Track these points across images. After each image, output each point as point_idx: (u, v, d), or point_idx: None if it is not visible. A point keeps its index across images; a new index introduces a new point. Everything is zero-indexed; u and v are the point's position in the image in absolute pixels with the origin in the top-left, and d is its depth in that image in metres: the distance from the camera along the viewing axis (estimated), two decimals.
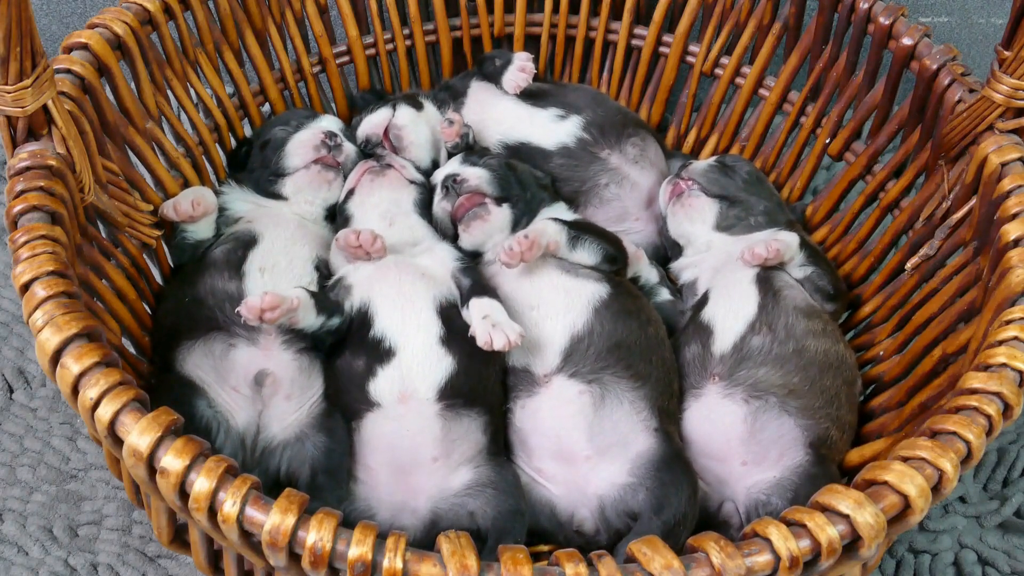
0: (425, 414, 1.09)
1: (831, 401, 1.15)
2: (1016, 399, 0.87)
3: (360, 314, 1.15)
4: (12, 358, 1.41)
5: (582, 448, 1.11)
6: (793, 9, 1.46)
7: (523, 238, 1.15)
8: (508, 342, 1.08)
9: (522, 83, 1.44)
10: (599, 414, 1.12)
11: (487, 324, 1.10)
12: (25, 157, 0.97)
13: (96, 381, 0.81)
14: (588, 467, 1.11)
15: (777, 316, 1.19)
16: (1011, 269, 1.00)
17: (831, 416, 1.14)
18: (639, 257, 1.33)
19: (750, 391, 1.14)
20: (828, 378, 1.16)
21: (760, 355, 1.16)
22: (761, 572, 0.77)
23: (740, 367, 1.16)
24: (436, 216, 1.29)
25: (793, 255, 1.25)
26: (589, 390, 1.12)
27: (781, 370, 1.14)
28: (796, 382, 1.14)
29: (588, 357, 1.14)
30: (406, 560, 0.75)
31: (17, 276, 0.87)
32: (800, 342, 1.17)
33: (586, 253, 1.21)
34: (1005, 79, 1.11)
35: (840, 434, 1.15)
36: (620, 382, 1.13)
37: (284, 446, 1.12)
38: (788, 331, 1.17)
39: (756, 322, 1.18)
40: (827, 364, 1.17)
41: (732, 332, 1.19)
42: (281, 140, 1.34)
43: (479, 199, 1.25)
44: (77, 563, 1.18)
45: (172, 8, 1.28)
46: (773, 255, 1.22)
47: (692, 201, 1.34)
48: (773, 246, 1.22)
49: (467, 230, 1.25)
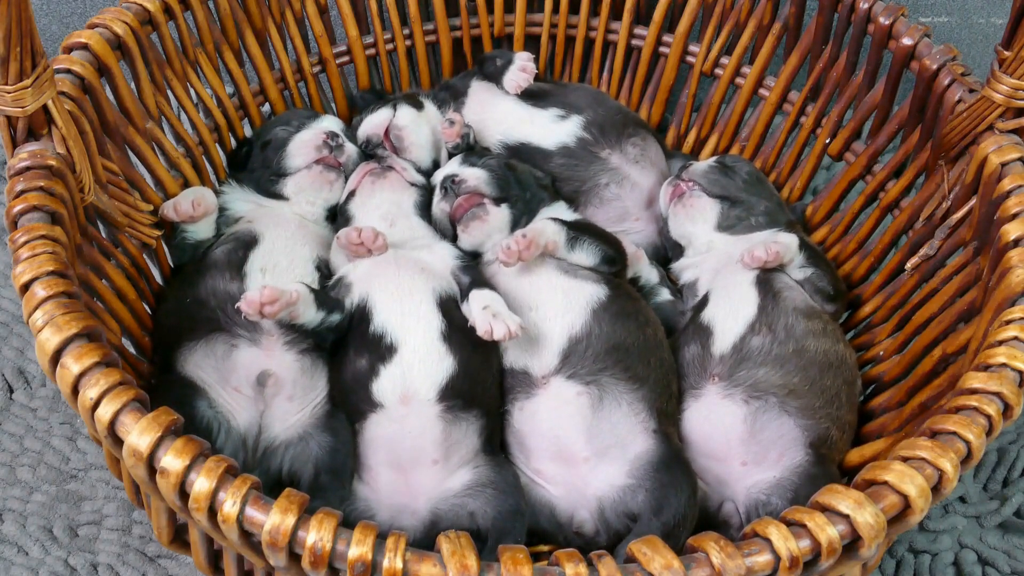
0: (426, 416, 1.09)
1: (831, 401, 1.15)
2: (1016, 399, 0.87)
3: (360, 309, 1.15)
4: (12, 358, 1.41)
5: (580, 449, 1.11)
6: (793, 9, 1.46)
7: (521, 237, 1.15)
8: (508, 331, 1.09)
9: (523, 83, 1.44)
10: (597, 415, 1.12)
11: (487, 314, 1.10)
12: (25, 157, 0.97)
13: (96, 381, 0.81)
14: (587, 468, 1.11)
15: (777, 317, 1.19)
16: (1011, 269, 1.00)
17: (831, 416, 1.14)
18: (639, 257, 1.33)
19: (750, 391, 1.14)
20: (828, 378, 1.16)
21: (760, 355, 1.16)
22: (761, 572, 0.77)
23: (740, 367, 1.16)
24: (435, 217, 1.29)
25: (793, 257, 1.25)
26: (587, 391, 1.12)
27: (781, 370, 1.14)
28: (796, 382, 1.14)
29: (586, 358, 1.13)
30: (406, 560, 0.75)
31: (17, 276, 0.87)
32: (800, 342, 1.17)
33: (585, 254, 1.21)
34: (1005, 79, 1.11)
35: (840, 434, 1.15)
36: (618, 384, 1.13)
37: (287, 445, 1.12)
38: (788, 331, 1.17)
39: (756, 323, 1.18)
40: (827, 364, 1.17)
41: (732, 333, 1.19)
42: (283, 140, 1.34)
43: (478, 199, 1.25)
44: (77, 563, 1.18)
45: (172, 8, 1.28)
46: (772, 258, 1.22)
47: (693, 202, 1.34)
48: (772, 248, 1.22)
49: (466, 230, 1.25)
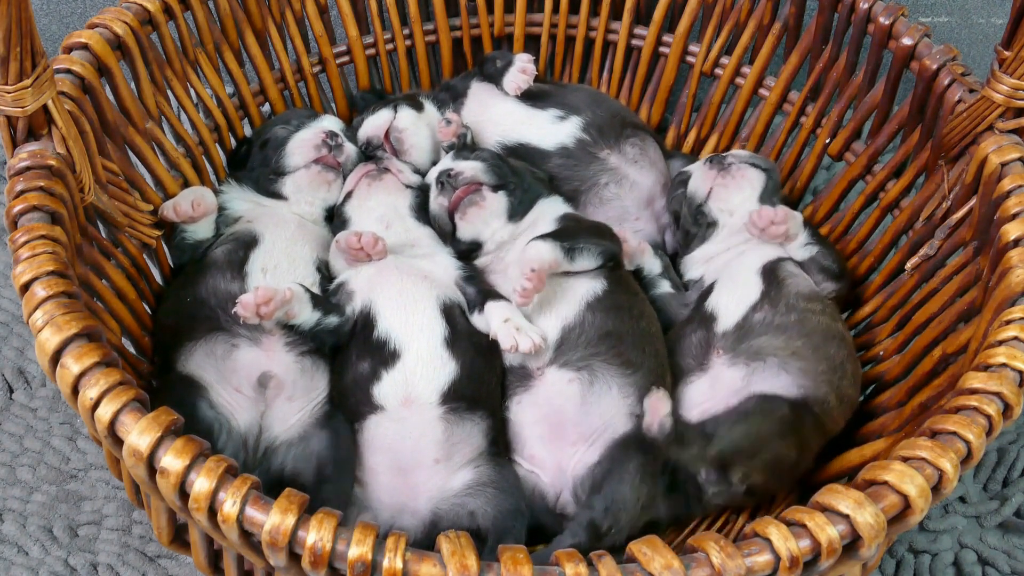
0: (427, 417, 1.09)
1: (835, 369, 1.17)
2: (1016, 399, 0.87)
3: (363, 316, 1.15)
4: (12, 358, 1.41)
5: (569, 432, 1.13)
6: (793, 9, 1.46)
7: (530, 272, 1.14)
8: (533, 345, 1.10)
9: (523, 85, 1.44)
10: (587, 399, 1.13)
11: (510, 327, 1.11)
12: (25, 157, 0.97)
13: (96, 381, 0.81)
14: (573, 451, 1.13)
15: (779, 298, 1.21)
16: (1011, 269, 1.00)
17: (833, 383, 1.16)
18: (643, 250, 1.34)
19: (753, 357, 1.16)
20: (833, 347, 1.18)
21: (762, 327, 1.19)
22: (761, 572, 0.77)
23: (743, 341, 1.18)
24: (433, 214, 1.29)
25: (798, 231, 1.28)
26: (578, 377, 1.14)
27: (783, 335, 1.17)
28: (799, 346, 1.16)
29: (579, 345, 1.15)
30: (406, 560, 0.75)
31: (17, 276, 0.87)
32: (802, 315, 1.20)
33: (586, 260, 1.21)
34: (1005, 79, 1.11)
35: (838, 403, 1.17)
36: (609, 368, 1.14)
37: (287, 446, 1.12)
38: (789, 307, 1.20)
39: (758, 303, 1.21)
40: (831, 335, 1.19)
41: (735, 315, 1.21)
42: (282, 139, 1.34)
43: (475, 187, 1.25)
44: (77, 563, 1.18)
45: (172, 8, 1.28)
46: (781, 218, 1.25)
47: (744, 172, 1.35)
48: (781, 211, 1.26)
49: (464, 218, 1.25)
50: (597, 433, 1.13)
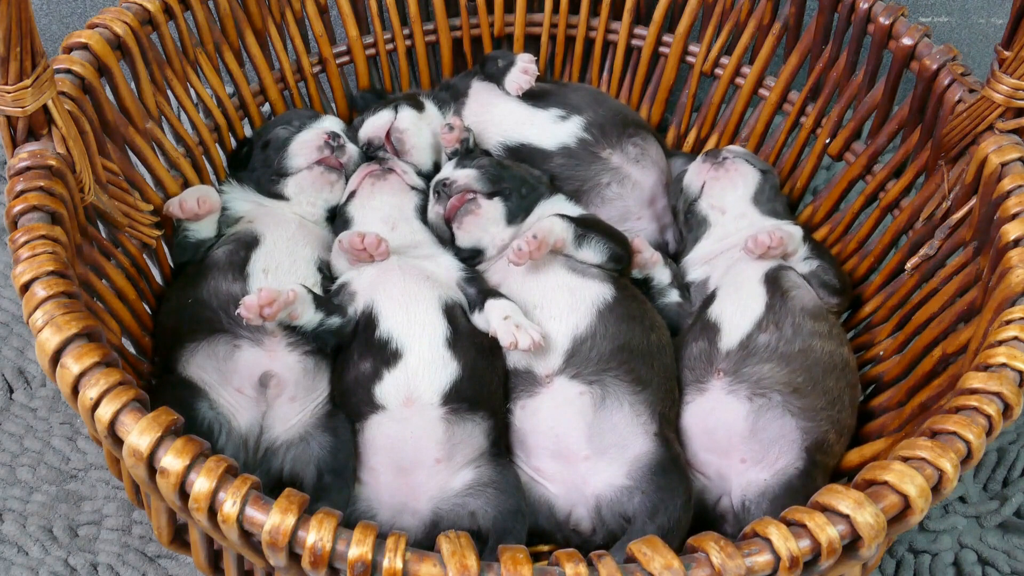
0: (429, 417, 1.09)
1: (833, 403, 1.15)
2: (1016, 399, 0.87)
3: (365, 316, 1.15)
4: (12, 358, 1.41)
5: (580, 448, 1.11)
6: (793, 9, 1.46)
7: (532, 237, 1.15)
8: (533, 342, 1.10)
9: (524, 85, 1.44)
10: (599, 415, 1.12)
11: (510, 324, 1.11)
12: (25, 157, 0.97)
13: (96, 381, 0.81)
14: (586, 467, 1.11)
15: (784, 315, 1.19)
16: (1011, 269, 1.00)
17: (832, 419, 1.14)
18: (656, 261, 1.31)
19: (754, 388, 1.14)
20: (832, 380, 1.16)
21: (766, 352, 1.16)
22: (761, 572, 0.77)
23: (745, 363, 1.16)
24: (431, 222, 1.29)
25: (796, 247, 1.26)
26: (590, 391, 1.13)
27: (786, 368, 1.15)
28: (800, 381, 1.14)
29: (591, 359, 1.14)
30: (406, 560, 0.75)
31: (17, 276, 0.87)
32: (807, 341, 1.17)
33: (592, 251, 1.21)
34: (1005, 79, 1.11)
35: (838, 437, 1.15)
36: (621, 385, 1.13)
37: (288, 446, 1.12)
38: (795, 330, 1.18)
39: (763, 320, 1.19)
40: (832, 366, 1.17)
41: (739, 329, 1.19)
42: (284, 140, 1.34)
43: (469, 196, 1.25)
44: (77, 563, 1.18)
45: (172, 8, 1.28)
46: (776, 243, 1.23)
47: (738, 167, 1.35)
48: (776, 235, 1.23)
49: (460, 227, 1.25)
50: (612, 450, 1.11)
